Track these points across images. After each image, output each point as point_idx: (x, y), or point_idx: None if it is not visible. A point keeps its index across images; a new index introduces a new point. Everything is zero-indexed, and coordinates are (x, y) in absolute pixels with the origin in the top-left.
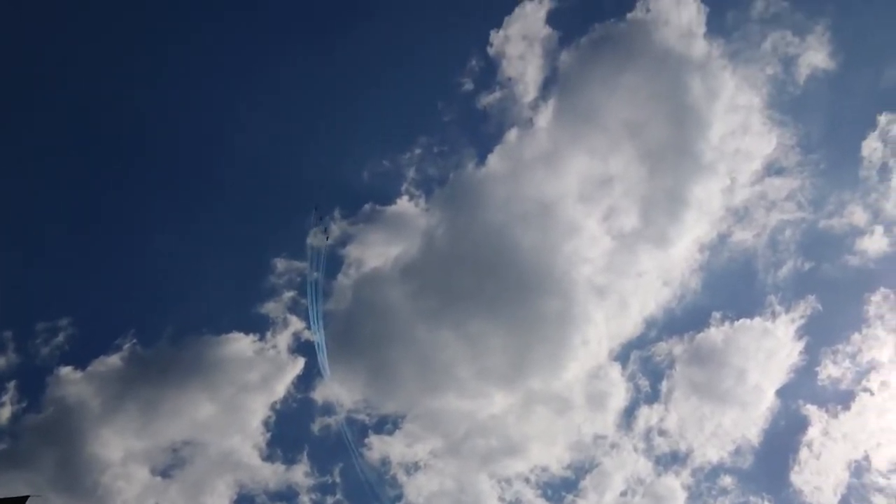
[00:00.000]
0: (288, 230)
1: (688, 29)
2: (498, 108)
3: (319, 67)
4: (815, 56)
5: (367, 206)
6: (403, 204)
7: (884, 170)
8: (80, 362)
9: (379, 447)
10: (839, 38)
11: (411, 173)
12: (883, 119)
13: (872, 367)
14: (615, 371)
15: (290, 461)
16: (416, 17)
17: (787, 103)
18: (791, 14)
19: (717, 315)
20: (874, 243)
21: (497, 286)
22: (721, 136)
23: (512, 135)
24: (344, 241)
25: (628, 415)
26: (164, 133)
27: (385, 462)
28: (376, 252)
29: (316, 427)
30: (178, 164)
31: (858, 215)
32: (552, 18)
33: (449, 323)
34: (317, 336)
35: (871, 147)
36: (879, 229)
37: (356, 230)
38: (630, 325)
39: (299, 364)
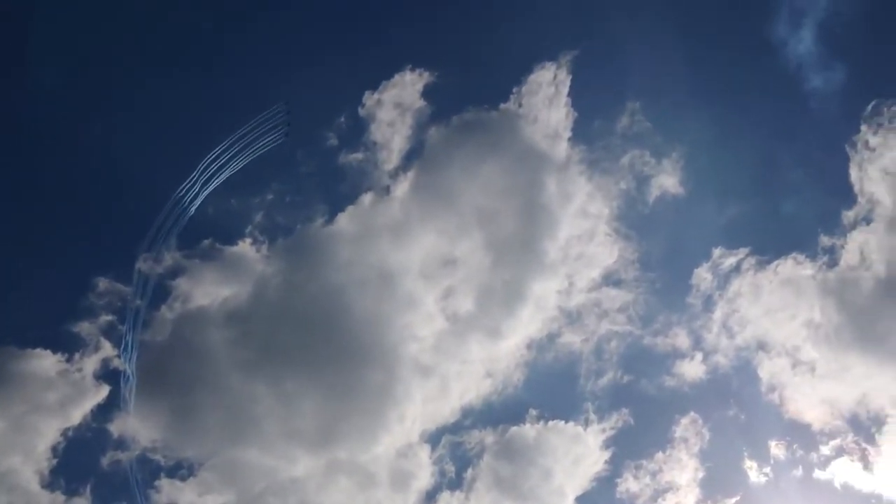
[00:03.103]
0: (117, 250)
1: (554, 130)
2: (357, 170)
3: (181, 87)
4: (667, 180)
5: (206, 242)
6: (245, 247)
7: (709, 301)
8: None
9: (169, 492)
10: (691, 167)
11: (258, 217)
12: (717, 252)
13: (670, 487)
14: (424, 453)
15: (71, 492)
16: (293, 64)
17: (634, 219)
18: (652, 135)
19: (533, 412)
20: (692, 368)
21: (322, 348)
22: (567, 239)
23: (367, 198)
24: (175, 272)
25: (429, 498)
26: None
27: None
28: (206, 290)
29: (106, 461)
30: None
31: (682, 339)
32: (428, 92)
33: (265, 376)
34: (127, 366)
35: (702, 277)
36: (699, 356)
37: (190, 264)
38: (447, 409)
39: (103, 392)
